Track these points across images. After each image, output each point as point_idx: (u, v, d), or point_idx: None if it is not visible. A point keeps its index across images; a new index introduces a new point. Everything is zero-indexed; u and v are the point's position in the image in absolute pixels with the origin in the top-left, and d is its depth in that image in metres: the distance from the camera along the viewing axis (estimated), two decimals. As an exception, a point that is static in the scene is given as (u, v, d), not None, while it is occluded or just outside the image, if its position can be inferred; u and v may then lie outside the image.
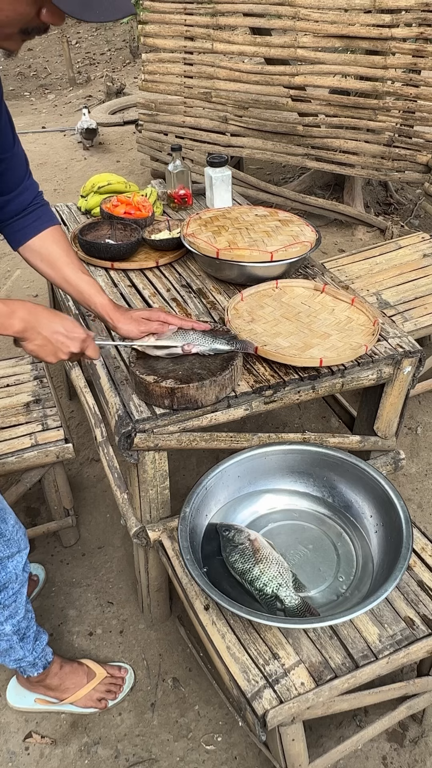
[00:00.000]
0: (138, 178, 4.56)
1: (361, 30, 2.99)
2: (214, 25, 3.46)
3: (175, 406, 1.33)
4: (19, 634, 1.39)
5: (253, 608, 1.17)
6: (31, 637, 1.43)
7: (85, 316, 1.67)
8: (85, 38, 9.61)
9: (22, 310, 1.11)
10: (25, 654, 1.44)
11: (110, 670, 1.62)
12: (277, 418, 2.43)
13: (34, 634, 1.44)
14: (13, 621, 1.37)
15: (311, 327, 1.56)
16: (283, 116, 3.53)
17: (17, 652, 1.43)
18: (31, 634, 1.43)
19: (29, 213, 1.31)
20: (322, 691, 1.15)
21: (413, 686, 1.36)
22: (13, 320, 1.10)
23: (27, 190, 1.30)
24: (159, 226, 1.99)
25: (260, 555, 1.28)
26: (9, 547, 1.32)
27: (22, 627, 1.40)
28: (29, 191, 1.30)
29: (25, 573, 1.38)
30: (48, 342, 1.15)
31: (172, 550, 1.44)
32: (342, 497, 1.46)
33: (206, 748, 1.52)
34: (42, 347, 1.15)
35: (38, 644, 1.47)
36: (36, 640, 1.46)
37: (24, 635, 1.41)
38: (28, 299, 3.29)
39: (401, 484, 2.17)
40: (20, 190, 1.28)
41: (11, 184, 1.26)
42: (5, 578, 1.32)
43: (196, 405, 1.34)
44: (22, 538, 1.37)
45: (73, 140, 5.50)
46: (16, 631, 1.39)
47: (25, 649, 1.43)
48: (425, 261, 2.48)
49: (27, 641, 1.43)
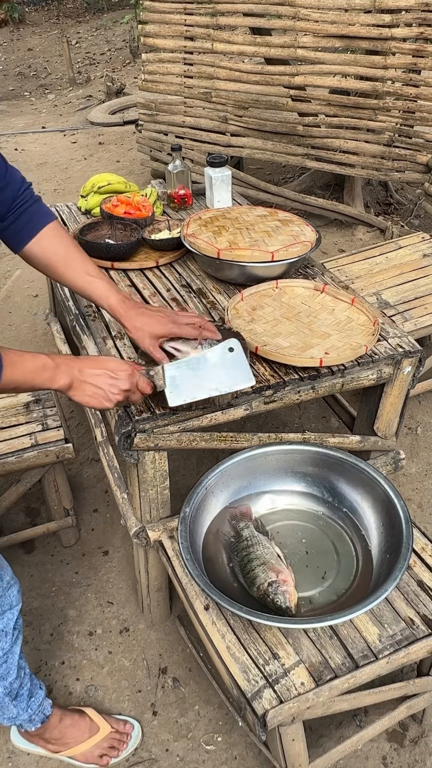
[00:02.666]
0: (138, 178, 4.56)
1: (361, 30, 2.99)
2: (214, 25, 3.45)
3: (194, 407, 1.32)
4: (11, 695, 1.31)
5: (253, 608, 1.17)
6: (24, 695, 1.35)
7: (84, 316, 1.67)
8: (85, 38, 9.62)
9: (64, 364, 1.11)
10: (19, 713, 1.36)
11: (115, 724, 1.52)
12: (277, 418, 2.43)
13: (28, 691, 1.36)
14: (5, 683, 1.29)
15: (311, 327, 1.56)
16: (283, 116, 3.53)
17: (10, 711, 1.34)
18: (25, 692, 1.35)
19: (20, 215, 1.26)
20: (322, 691, 1.15)
21: (413, 686, 1.36)
22: (58, 374, 1.09)
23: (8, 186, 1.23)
24: (159, 226, 1.99)
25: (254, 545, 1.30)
26: (0, 606, 1.25)
27: (14, 687, 1.31)
28: (11, 186, 1.24)
29: (16, 630, 1.30)
30: (97, 388, 1.13)
31: (172, 550, 1.44)
32: (342, 497, 1.46)
33: (206, 748, 1.52)
34: (93, 396, 1.14)
35: (33, 701, 1.38)
36: (31, 697, 1.37)
37: (17, 694, 1.33)
38: (29, 299, 3.30)
39: (401, 484, 2.17)
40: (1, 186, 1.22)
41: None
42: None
43: (214, 405, 1.34)
44: (15, 594, 1.30)
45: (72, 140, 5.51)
46: (8, 693, 1.31)
47: (19, 707, 1.35)
48: (425, 261, 2.48)
49: (21, 700, 1.34)
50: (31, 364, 1.06)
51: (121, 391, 1.16)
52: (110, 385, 1.14)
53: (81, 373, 1.12)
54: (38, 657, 1.72)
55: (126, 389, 1.16)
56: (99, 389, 1.14)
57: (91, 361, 1.16)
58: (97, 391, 1.14)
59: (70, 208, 2.32)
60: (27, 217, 1.27)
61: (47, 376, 1.08)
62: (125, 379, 1.16)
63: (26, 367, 1.06)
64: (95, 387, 1.13)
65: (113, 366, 1.16)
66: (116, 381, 1.15)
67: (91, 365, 1.14)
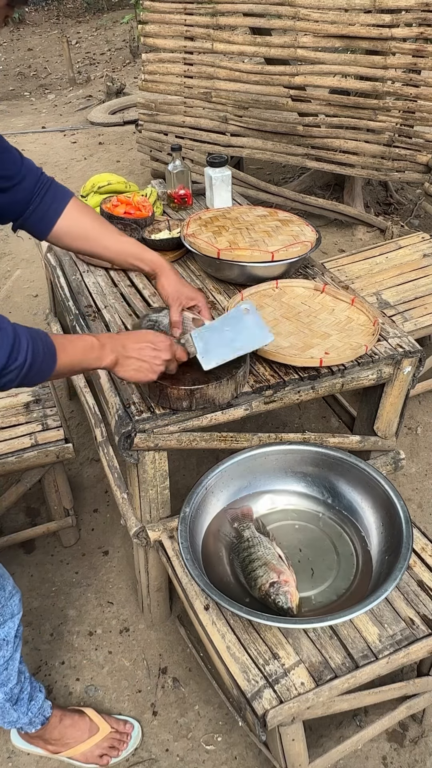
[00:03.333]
0: (138, 178, 4.56)
1: (361, 30, 2.99)
2: (214, 25, 3.45)
3: (194, 407, 1.33)
4: (12, 700, 1.32)
5: (253, 608, 1.17)
6: (25, 699, 1.36)
7: (84, 316, 1.67)
8: (85, 38, 9.62)
9: (109, 342, 1.13)
10: (20, 716, 1.37)
11: (115, 724, 1.52)
12: (277, 418, 2.43)
13: (28, 695, 1.37)
14: (5, 689, 1.30)
15: (311, 327, 1.56)
16: (283, 116, 3.53)
17: (11, 715, 1.35)
18: (25, 696, 1.36)
19: (43, 197, 1.27)
20: (322, 691, 1.15)
21: (413, 686, 1.36)
22: (105, 353, 1.11)
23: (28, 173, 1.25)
24: (159, 226, 1.99)
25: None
26: (2, 615, 1.26)
27: (15, 693, 1.32)
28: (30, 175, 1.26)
29: (17, 638, 1.31)
30: (142, 362, 1.16)
31: (172, 550, 1.44)
32: (342, 497, 1.46)
33: (206, 748, 1.52)
34: (138, 370, 1.17)
35: (34, 704, 1.39)
36: (31, 700, 1.38)
37: (18, 699, 1.34)
38: (29, 299, 3.30)
39: (401, 484, 2.17)
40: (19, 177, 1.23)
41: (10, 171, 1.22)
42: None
43: (214, 404, 1.35)
44: (17, 604, 1.31)
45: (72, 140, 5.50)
46: (9, 699, 1.31)
47: (20, 711, 1.36)
48: (425, 261, 2.48)
49: (21, 704, 1.35)
50: (80, 346, 1.09)
51: (164, 361, 1.19)
52: (153, 357, 1.17)
53: (125, 348, 1.15)
54: (38, 657, 1.72)
55: (167, 359, 1.20)
56: (143, 362, 1.16)
57: (131, 335, 1.19)
58: (141, 364, 1.16)
59: (70, 208, 2.31)
60: (50, 199, 1.29)
61: (95, 355, 1.10)
62: (166, 349, 1.19)
63: (76, 349, 1.08)
64: (140, 360, 1.16)
65: (152, 338, 1.19)
66: (158, 352, 1.18)
67: (134, 339, 1.17)
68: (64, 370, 1.06)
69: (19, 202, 1.26)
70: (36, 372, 1.00)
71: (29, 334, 0.99)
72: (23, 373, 0.97)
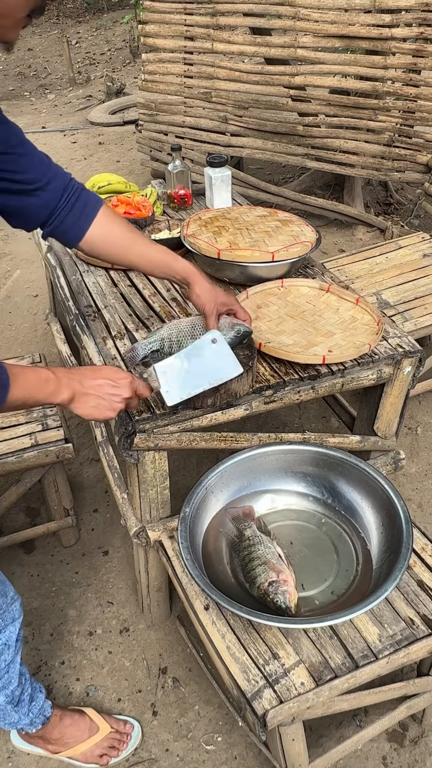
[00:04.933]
0: (138, 178, 4.56)
1: (361, 30, 2.99)
2: (214, 25, 3.45)
3: (218, 402, 1.32)
4: (13, 702, 1.32)
5: (253, 608, 1.17)
6: (26, 701, 1.36)
7: (84, 316, 1.67)
8: (85, 38, 9.62)
9: (66, 377, 1.08)
10: (21, 717, 1.37)
11: (115, 724, 1.52)
12: (277, 418, 2.43)
13: (29, 696, 1.37)
14: (6, 692, 1.30)
15: (315, 326, 1.56)
16: (283, 116, 3.53)
17: (12, 717, 1.36)
18: (26, 697, 1.36)
19: (73, 204, 1.25)
20: (322, 691, 1.15)
21: (413, 686, 1.36)
22: (60, 388, 1.06)
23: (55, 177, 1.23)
24: (159, 226, 1.99)
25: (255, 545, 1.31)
26: (3, 620, 1.26)
27: (16, 695, 1.32)
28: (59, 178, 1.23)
29: (18, 642, 1.31)
30: (100, 399, 1.11)
31: (172, 550, 1.44)
32: (342, 497, 1.46)
33: (206, 748, 1.52)
34: (96, 407, 1.11)
35: (34, 705, 1.39)
36: (32, 701, 1.38)
37: (19, 701, 1.34)
38: (29, 299, 3.29)
39: (401, 484, 2.17)
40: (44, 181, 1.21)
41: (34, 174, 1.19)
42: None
43: (236, 398, 1.35)
44: (18, 608, 1.31)
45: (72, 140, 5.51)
46: (10, 701, 1.32)
47: (21, 712, 1.36)
48: (425, 261, 2.48)
49: (22, 705, 1.35)
50: (33, 379, 1.03)
51: (123, 399, 1.14)
52: (111, 394, 1.12)
53: (82, 384, 1.09)
54: (38, 657, 1.72)
55: (127, 396, 1.14)
56: (101, 399, 1.11)
57: (89, 371, 1.13)
58: (100, 402, 1.11)
59: (70, 208, 2.31)
60: (81, 205, 1.26)
61: (51, 389, 1.05)
62: (126, 386, 1.14)
63: (29, 382, 1.02)
64: (98, 397, 1.10)
65: (113, 375, 1.13)
66: (118, 389, 1.13)
67: (91, 375, 1.11)
68: (16, 402, 1.00)
69: (45, 207, 1.23)
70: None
71: None
72: None
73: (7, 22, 0.87)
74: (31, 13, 0.89)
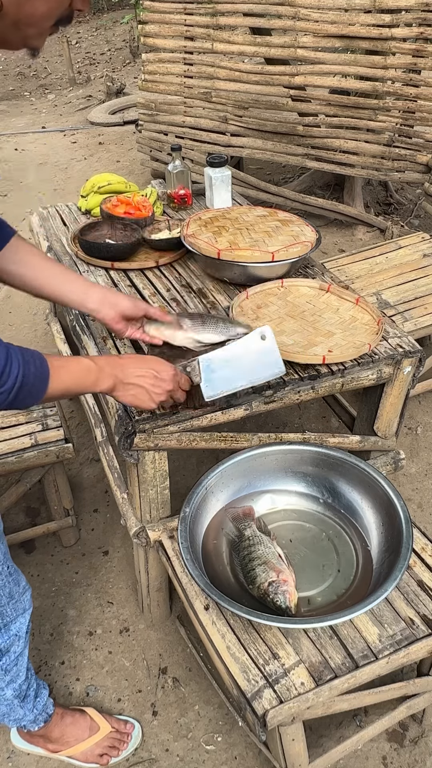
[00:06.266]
0: (138, 178, 4.56)
1: (361, 30, 2.99)
2: (214, 25, 3.45)
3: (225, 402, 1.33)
4: (20, 696, 1.33)
5: (253, 608, 1.17)
6: (31, 696, 1.37)
7: (84, 316, 1.67)
8: (85, 38, 9.61)
9: (108, 366, 1.08)
10: (26, 713, 1.38)
11: (115, 724, 1.52)
12: (277, 418, 2.43)
13: (34, 691, 1.38)
14: (14, 685, 1.30)
15: (315, 325, 1.56)
16: (283, 116, 3.53)
17: (17, 712, 1.36)
18: (32, 692, 1.37)
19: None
20: (322, 691, 1.15)
21: (413, 686, 1.36)
22: (102, 377, 1.07)
23: None
24: (159, 226, 1.99)
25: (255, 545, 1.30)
26: (15, 610, 1.26)
27: (23, 689, 1.33)
28: None
29: (27, 633, 1.31)
30: (141, 389, 1.12)
31: (172, 550, 1.44)
32: (342, 497, 1.46)
33: (206, 748, 1.52)
34: (137, 396, 1.12)
35: (39, 701, 1.40)
36: (37, 697, 1.39)
37: (25, 695, 1.35)
38: (29, 299, 3.29)
39: (401, 484, 2.17)
40: None
41: None
42: (8, 642, 1.25)
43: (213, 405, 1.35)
44: (28, 599, 1.31)
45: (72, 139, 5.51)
46: (18, 695, 1.32)
47: (26, 708, 1.37)
48: (425, 261, 2.49)
49: (27, 700, 1.36)
50: (75, 370, 1.04)
51: (165, 391, 1.15)
52: (153, 385, 1.13)
53: (124, 374, 1.10)
54: (38, 657, 1.72)
55: (170, 389, 1.15)
56: (143, 390, 1.12)
57: (134, 360, 1.14)
58: (140, 392, 1.12)
59: (70, 208, 2.31)
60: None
61: (92, 379, 1.06)
62: (169, 379, 1.15)
63: (71, 373, 1.03)
64: (139, 387, 1.11)
65: (157, 366, 1.14)
66: (161, 381, 1.14)
67: (135, 365, 1.13)
68: (56, 393, 1.01)
69: None
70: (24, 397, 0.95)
71: (22, 357, 0.94)
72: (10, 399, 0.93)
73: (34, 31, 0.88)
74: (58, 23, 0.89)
